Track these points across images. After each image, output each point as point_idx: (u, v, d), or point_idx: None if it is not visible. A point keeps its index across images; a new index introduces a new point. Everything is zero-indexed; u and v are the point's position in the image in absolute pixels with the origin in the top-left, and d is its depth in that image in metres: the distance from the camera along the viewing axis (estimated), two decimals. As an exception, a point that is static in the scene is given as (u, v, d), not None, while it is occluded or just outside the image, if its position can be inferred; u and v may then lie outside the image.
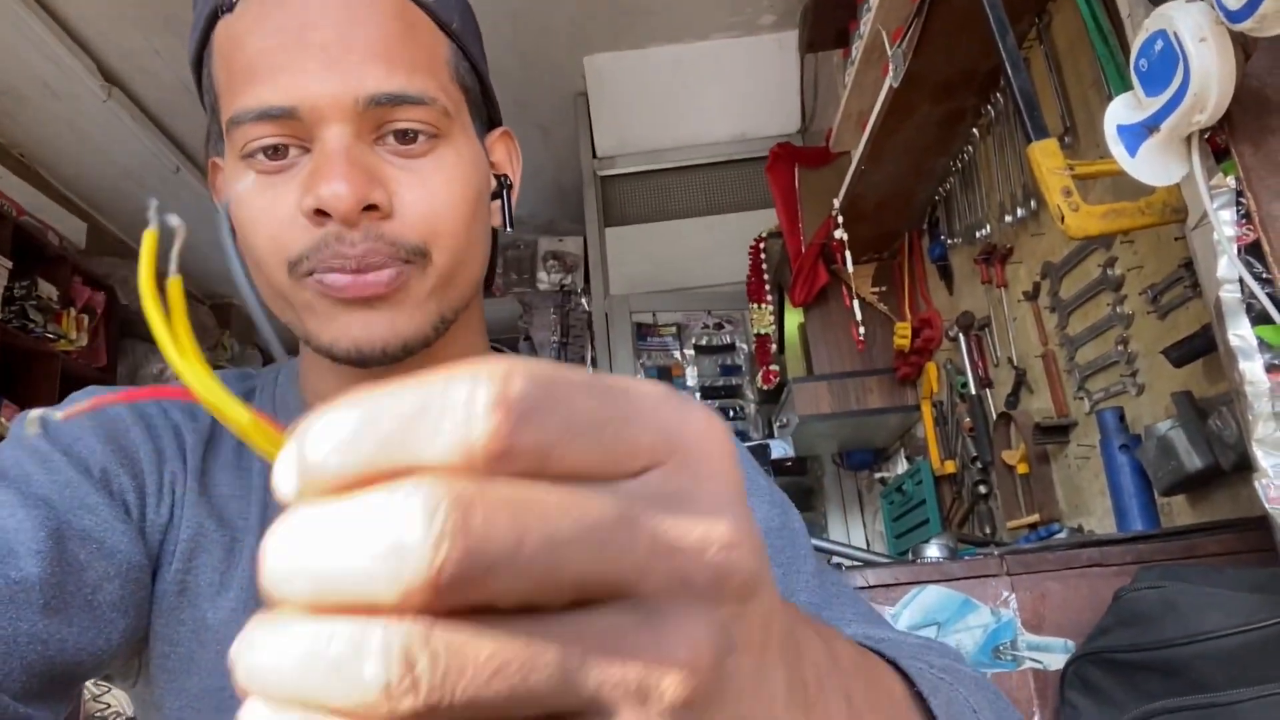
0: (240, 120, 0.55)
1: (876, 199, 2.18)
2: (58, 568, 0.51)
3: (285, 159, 0.56)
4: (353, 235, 0.54)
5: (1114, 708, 0.94)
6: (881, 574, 1.12)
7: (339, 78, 0.54)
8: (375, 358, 0.57)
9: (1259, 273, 0.75)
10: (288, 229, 0.55)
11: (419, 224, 0.56)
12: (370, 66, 0.55)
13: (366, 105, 0.55)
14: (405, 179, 0.56)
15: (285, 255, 0.56)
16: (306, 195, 0.54)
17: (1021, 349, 1.90)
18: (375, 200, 0.54)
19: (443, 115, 0.58)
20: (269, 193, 0.56)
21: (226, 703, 0.58)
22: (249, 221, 0.57)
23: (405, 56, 0.57)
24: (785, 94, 3.43)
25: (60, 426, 0.59)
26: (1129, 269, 1.46)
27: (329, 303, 0.56)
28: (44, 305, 3.11)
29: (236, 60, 0.57)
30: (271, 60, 0.54)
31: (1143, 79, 0.79)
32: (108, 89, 3.14)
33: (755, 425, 3.50)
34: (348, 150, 0.54)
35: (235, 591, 0.60)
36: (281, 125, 0.55)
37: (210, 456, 0.64)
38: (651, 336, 3.60)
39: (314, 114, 0.54)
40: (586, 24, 3.10)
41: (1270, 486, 0.72)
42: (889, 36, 1.73)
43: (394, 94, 0.55)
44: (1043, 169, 1.02)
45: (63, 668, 0.51)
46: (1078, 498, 1.69)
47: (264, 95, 0.54)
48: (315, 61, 0.54)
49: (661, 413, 0.20)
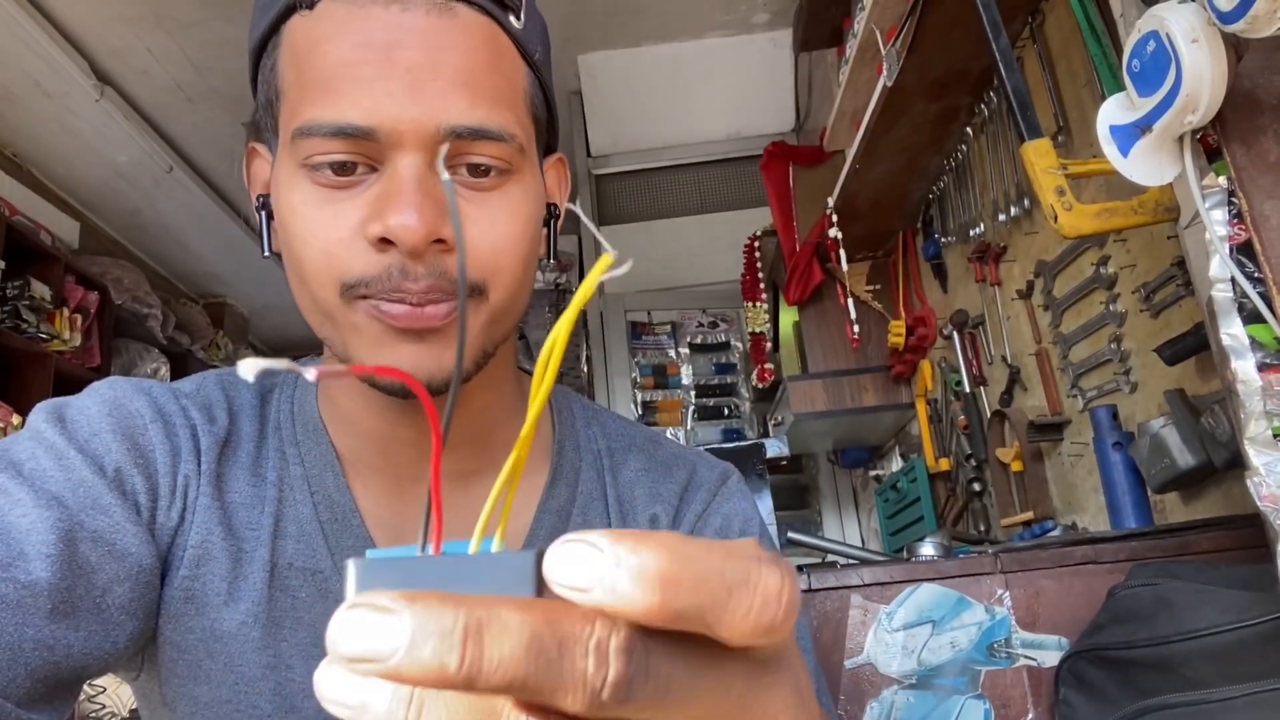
0: (312, 132, 0.53)
1: (871, 197, 2.18)
2: (68, 571, 0.50)
3: (352, 175, 0.54)
4: (418, 270, 0.53)
5: (1108, 704, 0.94)
6: (876, 572, 1.13)
7: (423, 104, 0.52)
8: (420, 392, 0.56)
9: (1250, 272, 0.75)
10: (345, 249, 0.54)
11: (481, 261, 0.55)
12: (455, 96, 0.53)
13: (447, 136, 0.53)
14: (473, 213, 0.55)
15: (339, 275, 0.54)
16: (374, 221, 0.52)
17: (1015, 347, 1.90)
18: (444, 235, 0.53)
19: (517, 152, 0.56)
20: (329, 208, 0.54)
21: (233, 715, 0.58)
22: (302, 234, 0.55)
23: (489, 88, 0.55)
24: (779, 92, 3.43)
25: (78, 420, 0.58)
26: (1122, 268, 1.47)
27: (380, 329, 0.54)
28: (37, 305, 3.10)
29: (312, 65, 0.54)
30: (355, 74, 0.52)
31: (1135, 79, 0.79)
32: (100, 88, 3.12)
33: (750, 424, 3.50)
34: (421, 180, 0.52)
35: (246, 605, 0.59)
36: (355, 144, 0.53)
37: (226, 460, 0.63)
38: (646, 335, 3.60)
39: (392, 138, 0.52)
40: (580, 22, 3.10)
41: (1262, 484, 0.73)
42: (883, 35, 1.74)
43: (475, 128, 0.53)
44: (1036, 168, 1.03)
45: (68, 672, 0.50)
46: (1071, 495, 1.70)
47: (344, 111, 0.52)
48: (400, 84, 0.52)
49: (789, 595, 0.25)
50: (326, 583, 0.61)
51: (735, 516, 0.71)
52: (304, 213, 0.55)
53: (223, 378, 0.68)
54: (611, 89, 3.38)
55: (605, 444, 0.73)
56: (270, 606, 0.60)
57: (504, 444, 0.67)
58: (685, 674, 0.23)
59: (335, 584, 0.61)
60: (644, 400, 3.49)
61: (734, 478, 0.75)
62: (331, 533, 0.63)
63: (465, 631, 0.21)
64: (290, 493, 0.63)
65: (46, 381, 3.10)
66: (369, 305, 0.54)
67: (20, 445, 0.56)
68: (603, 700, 0.22)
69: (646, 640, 0.23)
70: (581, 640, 0.21)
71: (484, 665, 0.21)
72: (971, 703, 1.06)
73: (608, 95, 3.41)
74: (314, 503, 0.63)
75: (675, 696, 0.23)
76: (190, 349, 4.24)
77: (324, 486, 0.63)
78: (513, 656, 0.21)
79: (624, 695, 0.22)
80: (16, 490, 0.52)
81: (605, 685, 0.22)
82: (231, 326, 4.86)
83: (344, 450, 0.65)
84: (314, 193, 0.54)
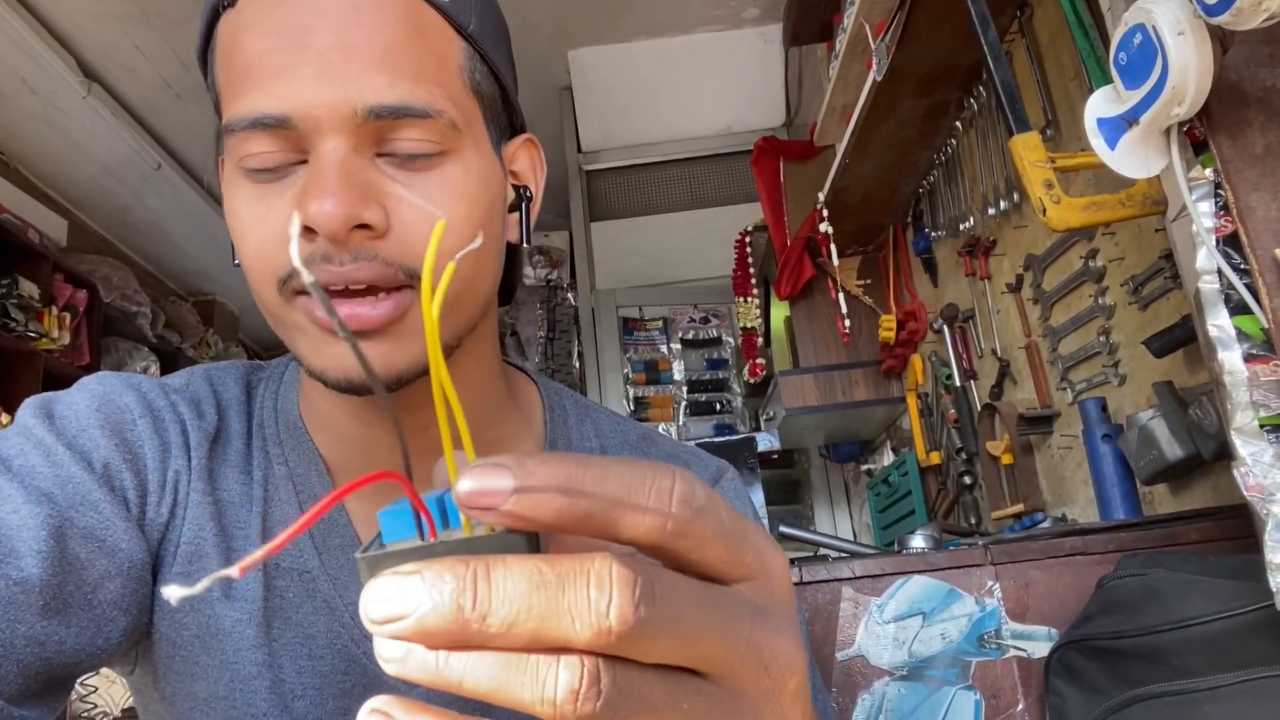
0: (234, 128, 0.52)
1: (861, 192, 2.18)
2: (58, 567, 0.50)
3: (281, 172, 0.53)
4: (342, 255, 0.51)
5: (1098, 694, 0.95)
6: (868, 565, 1.13)
7: (337, 86, 0.50)
8: (366, 389, 0.54)
9: (1237, 264, 0.76)
10: (275, 245, 0.52)
11: (419, 245, 0.52)
12: (372, 75, 0.51)
13: (366, 117, 0.51)
14: (407, 197, 0.53)
15: (274, 272, 0.53)
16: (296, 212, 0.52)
17: (1005, 340, 1.91)
18: (368, 219, 0.50)
19: (449, 129, 0.54)
20: (261, 205, 0.53)
21: (230, 712, 0.58)
22: (240, 234, 0.54)
23: (411, 64, 0.52)
24: (769, 87, 3.43)
25: (66, 416, 0.57)
26: (1110, 261, 1.48)
27: (319, 330, 0.53)
28: (25, 304, 3.08)
29: (234, 61, 0.53)
30: (267, 64, 0.51)
31: (1122, 72, 0.80)
32: (88, 85, 3.11)
33: (742, 418, 3.51)
34: (342, 164, 0.51)
35: (241, 603, 0.59)
36: (275, 135, 0.51)
37: (217, 456, 0.62)
38: (638, 331, 3.60)
39: (309, 124, 0.51)
40: (570, 18, 3.09)
41: (1249, 475, 0.73)
42: (872, 30, 1.74)
43: (395, 106, 0.51)
44: (1024, 162, 1.03)
45: (60, 669, 0.50)
46: (1061, 487, 1.70)
47: (258, 102, 0.51)
48: (312, 67, 0.50)
49: (759, 539, 0.28)
50: (314, 583, 0.61)
51: None
52: (241, 213, 0.54)
53: (210, 373, 0.67)
54: (602, 84, 3.38)
55: (598, 442, 0.73)
56: (265, 606, 0.59)
57: (493, 444, 0.67)
58: (692, 608, 0.25)
59: (323, 585, 0.61)
60: (636, 396, 3.49)
61: (729, 474, 0.75)
62: (319, 534, 0.62)
63: (474, 575, 0.23)
64: (276, 493, 0.62)
65: (35, 380, 3.08)
66: (305, 302, 0.53)
67: (9, 441, 0.55)
68: (611, 628, 0.23)
69: (649, 571, 0.24)
70: (582, 572, 0.23)
71: (494, 603, 0.23)
72: (962, 694, 1.07)
73: (598, 91, 3.40)
74: (299, 503, 0.62)
75: (687, 629, 0.24)
76: (180, 347, 4.22)
77: (309, 487, 0.63)
78: (518, 590, 0.23)
79: (632, 621, 0.23)
80: (6, 487, 0.52)
81: (611, 610, 0.23)
82: (221, 325, 4.83)
83: (326, 451, 0.64)
84: (249, 190, 0.54)
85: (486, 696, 0.23)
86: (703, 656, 0.25)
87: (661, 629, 0.23)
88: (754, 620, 0.26)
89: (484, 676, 0.23)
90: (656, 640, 0.24)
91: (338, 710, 0.59)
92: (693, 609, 0.24)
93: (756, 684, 0.27)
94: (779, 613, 0.28)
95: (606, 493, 0.24)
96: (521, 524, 0.24)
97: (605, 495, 0.24)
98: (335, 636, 0.60)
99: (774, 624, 0.27)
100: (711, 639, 0.25)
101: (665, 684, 0.25)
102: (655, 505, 0.25)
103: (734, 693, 0.26)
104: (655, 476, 0.25)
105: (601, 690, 0.23)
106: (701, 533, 0.25)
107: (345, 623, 0.60)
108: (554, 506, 0.24)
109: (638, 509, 0.25)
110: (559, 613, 0.23)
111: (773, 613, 0.28)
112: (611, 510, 0.24)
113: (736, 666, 0.26)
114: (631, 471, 0.25)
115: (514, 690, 0.23)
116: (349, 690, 0.60)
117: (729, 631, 0.25)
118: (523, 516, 0.24)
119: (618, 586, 0.23)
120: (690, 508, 0.25)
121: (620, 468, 0.25)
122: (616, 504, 0.24)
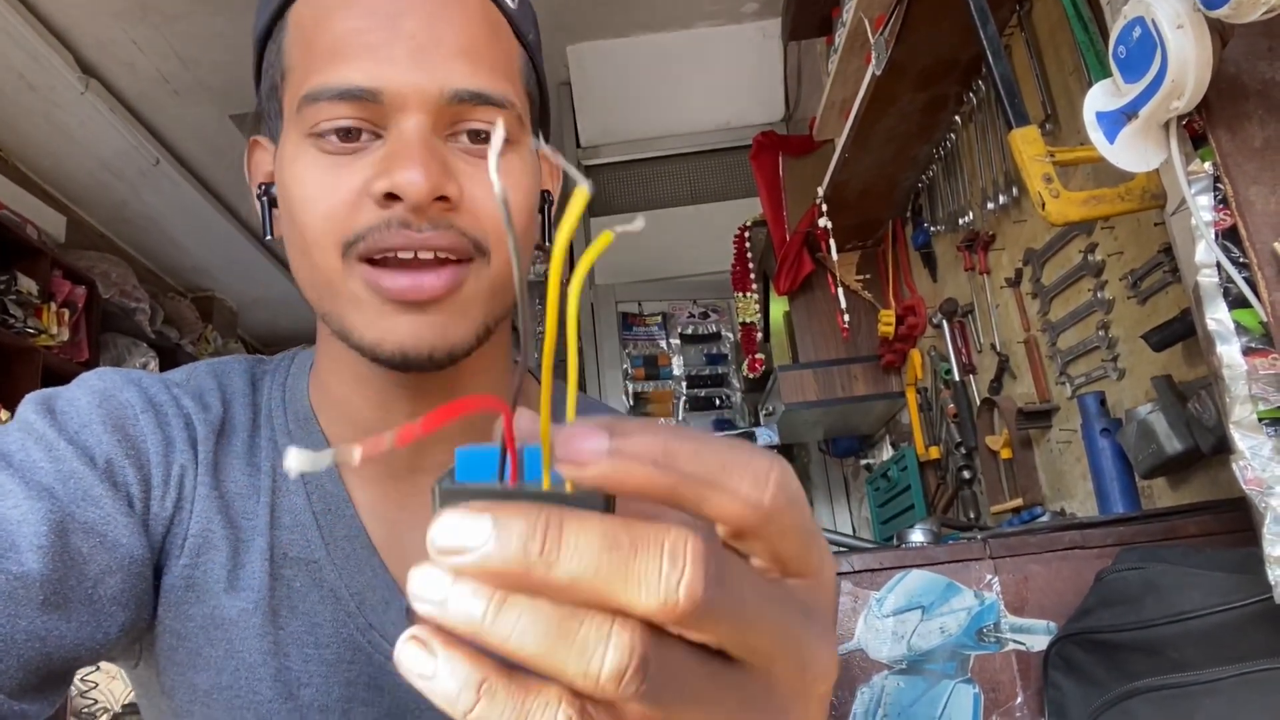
0: (318, 97, 0.55)
1: (860, 187, 2.18)
2: (59, 562, 0.50)
3: (357, 142, 0.55)
4: (420, 223, 0.54)
5: (1096, 687, 0.95)
6: (867, 559, 1.13)
7: (427, 68, 0.54)
8: (420, 363, 0.56)
9: (1236, 257, 0.76)
10: (349, 209, 0.55)
11: (484, 221, 0.56)
12: (457, 62, 0.55)
13: (450, 100, 0.55)
14: (475, 175, 0.56)
15: (342, 235, 0.55)
16: (379, 179, 0.53)
17: (1004, 335, 1.91)
18: (448, 192, 0.54)
19: (516, 122, 0.58)
20: (334, 172, 0.55)
21: (233, 701, 0.58)
22: (305, 200, 0.56)
23: (489, 58, 0.57)
24: (769, 82, 3.43)
25: (68, 412, 0.58)
26: (1109, 255, 1.48)
27: (378, 301, 0.55)
28: (24, 300, 3.08)
29: (320, 38, 0.56)
30: (360, 40, 0.55)
31: (1121, 66, 0.80)
32: (85, 81, 3.10)
33: (741, 414, 3.51)
34: (427, 140, 0.54)
35: (247, 593, 0.59)
36: (361, 107, 0.55)
37: (222, 448, 0.63)
38: (637, 326, 3.60)
39: (397, 100, 0.54)
40: (569, 13, 3.09)
41: (1247, 468, 0.73)
42: (871, 24, 1.74)
43: (477, 92, 0.56)
44: (1024, 156, 1.03)
45: (60, 663, 0.51)
46: (1060, 482, 1.71)
47: (349, 75, 0.54)
48: (404, 49, 0.54)
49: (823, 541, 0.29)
50: (320, 572, 0.61)
51: None
52: (309, 178, 0.56)
53: (214, 366, 0.68)
54: (601, 79, 3.37)
55: None
56: (271, 595, 0.60)
57: None
58: (755, 596, 0.25)
59: (329, 574, 0.62)
60: (635, 391, 3.50)
61: None
62: (325, 523, 0.63)
63: (547, 524, 0.22)
64: (283, 483, 0.63)
65: (34, 376, 3.08)
66: (368, 271, 0.55)
67: (10, 436, 0.56)
68: (678, 603, 0.22)
69: (720, 552, 0.24)
70: (657, 542, 0.23)
71: (562, 553, 0.22)
72: (961, 687, 1.07)
73: (597, 86, 3.40)
74: (307, 493, 0.63)
75: (747, 616, 0.24)
76: (179, 343, 4.22)
77: (317, 477, 0.63)
78: (589, 546, 0.22)
79: (700, 600, 0.23)
80: (7, 482, 0.52)
81: (680, 585, 0.22)
82: (220, 320, 4.83)
83: (336, 440, 0.65)
84: (320, 159, 0.56)
85: (528, 660, 0.23)
86: (752, 646, 0.25)
87: (725, 612, 0.23)
88: (804, 619, 0.27)
89: (529, 639, 0.23)
90: (718, 623, 0.24)
91: (343, 698, 0.60)
92: (755, 598, 0.25)
93: (792, 682, 0.27)
94: (825, 617, 0.28)
95: (699, 469, 0.24)
96: (609, 485, 0.24)
97: (698, 473, 0.24)
98: (341, 625, 0.61)
99: (819, 627, 0.27)
100: (765, 630, 0.25)
101: (706, 673, 0.25)
102: (749, 490, 0.25)
103: (768, 687, 0.26)
104: (753, 460, 0.25)
105: (648, 675, 0.23)
106: (787, 525, 0.26)
107: (351, 611, 0.61)
108: (645, 474, 0.24)
109: (728, 491, 0.24)
110: (626, 577, 0.22)
111: (819, 615, 0.28)
112: (701, 488, 0.24)
113: (779, 662, 0.26)
114: (730, 452, 0.25)
115: (558, 659, 0.23)
116: (354, 679, 0.60)
117: (782, 626, 0.26)
118: (611, 479, 0.24)
119: (692, 563, 0.22)
120: (785, 496, 0.25)
121: (718, 445, 0.25)
122: (708, 482, 0.24)
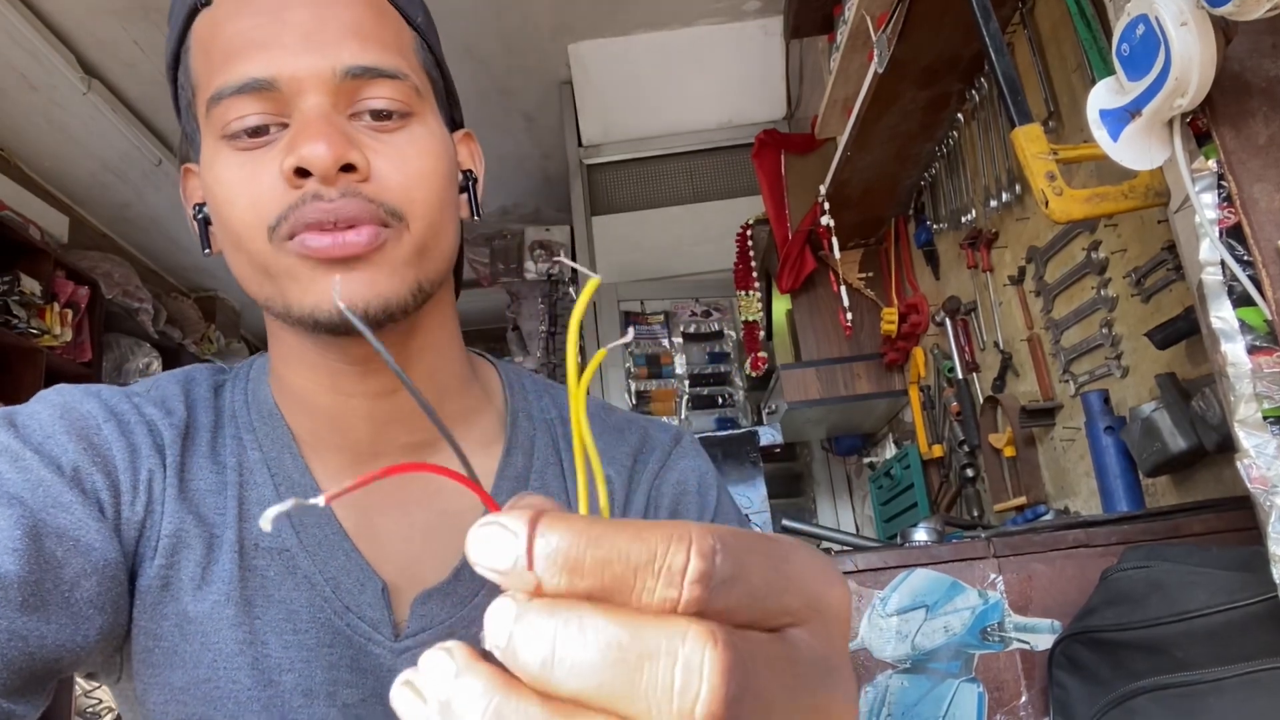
0: (221, 95, 0.57)
1: (862, 185, 2.18)
2: (35, 565, 0.51)
3: (266, 136, 0.58)
4: (331, 192, 0.56)
5: (1101, 686, 0.95)
6: (870, 558, 1.13)
7: (316, 51, 0.57)
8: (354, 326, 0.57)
9: (1240, 255, 0.76)
10: (268, 194, 0.57)
11: (396, 190, 0.58)
12: (347, 41, 0.58)
13: (343, 77, 0.57)
14: (381, 149, 0.58)
15: (266, 220, 0.57)
16: (288, 157, 0.55)
17: (1007, 333, 1.91)
18: (353, 160, 0.56)
19: (414, 92, 0.60)
20: (249, 166, 0.57)
21: (211, 694, 0.59)
22: (228, 199, 0.58)
23: (378, 35, 0.60)
24: (770, 80, 3.42)
25: (30, 425, 0.58)
26: (1113, 252, 1.47)
27: (310, 266, 0.57)
28: (27, 300, 3.08)
29: (216, 45, 0.59)
30: (252, 37, 0.57)
31: (1125, 63, 0.79)
32: (87, 81, 3.10)
33: (744, 412, 3.51)
34: (327, 115, 0.57)
35: (217, 585, 0.60)
36: (262, 100, 0.57)
37: (187, 450, 0.64)
38: (640, 325, 3.59)
39: (293, 85, 0.57)
40: (570, 11, 3.08)
41: (1252, 466, 0.73)
42: (873, 22, 1.73)
43: (369, 66, 0.58)
44: (1027, 154, 1.03)
45: (42, 665, 0.51)
46: (1063, 480, 1.70)
47: (245, 69, 0.57)
48: (293, 37, 0.57)
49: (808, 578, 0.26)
50: (294, 560, 0.63)
51: (691, 473, 0.74)
52: (227, 177, 0.58)
53: (176, 375, 0.70)
54: (602, 78, 3.37)
55: (558, 413, 0.76)
56: (243, 586, 0.61)
57: (457, 416, 0.69)
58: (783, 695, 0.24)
59: (302, 561, 0.63)
60: (638, 390, 3.49)
61: (687, 438, 0.78)
62: (295, 512, 0.64)
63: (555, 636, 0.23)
64: (250, 476, 0.64)
65: (38, 377, 3.08)
66: (295, 244, 0.56)
67: None
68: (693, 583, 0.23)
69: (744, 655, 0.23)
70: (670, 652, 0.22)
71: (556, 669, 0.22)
72: (965, 686, 1.07)
73: (598, 84, 3.39)
74: (274, 484, 0.64)
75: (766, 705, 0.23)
76: (182, 343, 4.22)
77: (283, 468, 0.65)
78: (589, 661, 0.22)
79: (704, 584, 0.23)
80: None
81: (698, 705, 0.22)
82: (223, 320, 4.84)
83: (300, 431, 0.66)
84: (234, 157, 0.58)
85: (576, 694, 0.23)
86: None
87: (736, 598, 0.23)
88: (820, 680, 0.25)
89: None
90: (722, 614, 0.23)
91: (328, 681, 0.61)
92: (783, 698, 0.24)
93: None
94: (836, 661, 0.27)
95: (610, 575, 0.23)
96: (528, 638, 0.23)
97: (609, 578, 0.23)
98: (318, 610, 0.62)
99: (834, 679, 0.26)
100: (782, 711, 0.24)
101: None
102: (663, 589, 0.23)
103: None
104: (668, 554, 0.23)
105: None
106: (723, 607, 0.24)
107: (327, 596, 0.62)
108: (554, 586, 0.23)
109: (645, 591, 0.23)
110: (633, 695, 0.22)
111: (830, 662, 0.26)
112: (616, 594, 0.23)
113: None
114: (640, 548, 0.23)
115: None
116: (336, 662, 0.61)
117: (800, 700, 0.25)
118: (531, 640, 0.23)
119: (709, 676, 0.22)
120: (706, 588, 0.23)
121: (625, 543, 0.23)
122: (621, 586, 0.23)
